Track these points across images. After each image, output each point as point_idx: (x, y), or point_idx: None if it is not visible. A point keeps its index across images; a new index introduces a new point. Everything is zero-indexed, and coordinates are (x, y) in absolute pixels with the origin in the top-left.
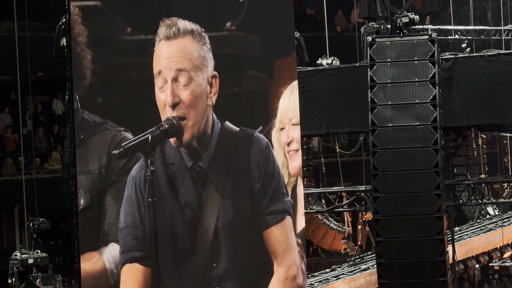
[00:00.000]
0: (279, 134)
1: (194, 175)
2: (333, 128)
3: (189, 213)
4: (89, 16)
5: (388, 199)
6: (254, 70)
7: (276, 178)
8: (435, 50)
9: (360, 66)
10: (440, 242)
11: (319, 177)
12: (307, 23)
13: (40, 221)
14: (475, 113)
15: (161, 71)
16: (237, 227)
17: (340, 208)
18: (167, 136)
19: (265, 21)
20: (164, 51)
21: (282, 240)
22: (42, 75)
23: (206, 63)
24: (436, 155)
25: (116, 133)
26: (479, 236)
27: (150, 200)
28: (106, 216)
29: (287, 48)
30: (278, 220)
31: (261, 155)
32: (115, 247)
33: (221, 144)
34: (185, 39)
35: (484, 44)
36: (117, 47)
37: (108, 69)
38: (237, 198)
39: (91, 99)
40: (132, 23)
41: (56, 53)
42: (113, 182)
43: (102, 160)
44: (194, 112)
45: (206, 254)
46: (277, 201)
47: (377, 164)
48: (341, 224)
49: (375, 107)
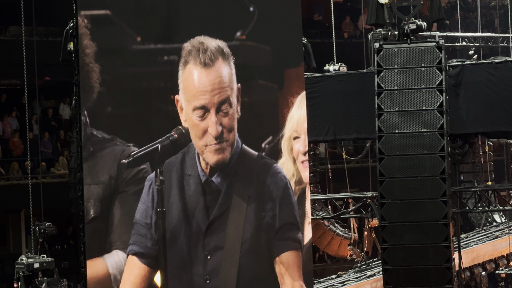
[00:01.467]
0: (290, 143)
1: (206, 189)
2: (340, 135)
3: (195, 226)
4: (98, 25)
5: (394, 206)
6: (264, 80)
7: (293, 212)
8: (443, 57)
9: (367, 72)
10: (447, 249)
11: (325, 183)
12: (314, 29)
13: (46, 225)
14: (482, 120)
15: (204, 106)
16: (237, 251)
17: (347, 214)
18: (177, 146)
19: (275, 31)
20: (204, 82)
21: (294, 266)
22: (49, 79)
23: (234, 80)
24: (443, 162)
25: (126, 148)
26: (485, 243)
27: (160, 210)
28: (113, 224)
29: (297, 57)
30: (295, 247)
31: (276, 185)
32: (119, 253)
33: (238, 165)
34: (219, 63)
35: (492, 51)
36: (127, 56)
37: (117, 79)
38: (245, 223)
39: (99, 112)
40: (142, 32)
41: (63, 57)
42: (120, 191)
43: (112, 171)
44: (232, 133)
45: (202, 269)
46: (294, 231)
47: (383, 170)
48: (347, 230)
49: (382, 114)
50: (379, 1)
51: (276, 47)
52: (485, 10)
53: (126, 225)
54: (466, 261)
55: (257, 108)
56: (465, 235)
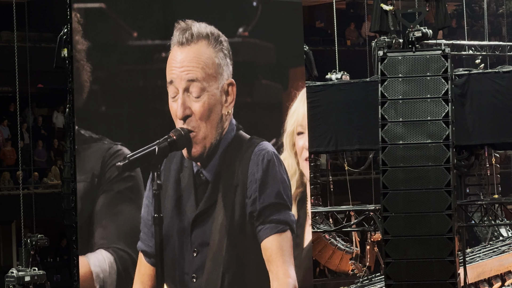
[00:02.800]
0: (292, 138)
1: (197, 182)
2: (342, 145)
3: (186, 222)
4: (92, 19)
5: (398, 219)
6: (267, 79)
7: (278, 190)
8: (448, 66)
9: (370, 81)
10: (451, 264)
11: (326, 195)
12: (316, 36)
13: (38, 237)
14: (489, 131)
15: (172, 80)
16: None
17: (348, 227)
18: (175, 148)
19: (279, 27)
20: (177, 58)
21: (279, 251)
22: (42, 87)
23: (221, 70)
24: (448, 174)
25: (112, 146)
26: (491, 258)
27: (156, 216)
28: (96, 224)
29: (299, 56)
30: (278, 230)
31: (257, 166)
32: (102, 252)
33: (226, 152)
34: (199, 45)
35: (499, 60)
36: (122, 53)
37: (112, 77)
38: (231, 215)
39: (90, 112)
40: (139, 27)
41: (57, 64)
42: (104, 190)
43: (95, 169)
44: (205, 125)
45: (190, 267)
46: (279, 212)
47: (387, 182)
48: (349, 244)
49: (386, 124)
50: (383, 8)
51: (280, 45)
52: (493, 18)
53: (111, 224)
54: (471, 277)
55: (260, 109)
56: (471, 249)
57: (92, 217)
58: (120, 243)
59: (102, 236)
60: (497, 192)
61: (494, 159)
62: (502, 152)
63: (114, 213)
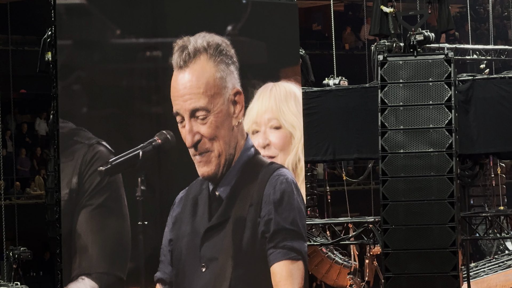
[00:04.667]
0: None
1: (211, 198)
2: (339, 154)
3: (197, 238)
4: (73, 16)
5: (398, 232)
6: (258, 79)
7: (293, 218)
8: (452, 71)
9: (370, 87)
10: (455, 279)
11: (324, 206)
12: (313, 39)
13: (21, 250)
14: (494, 139)
15: (177, 112)
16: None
17: (346, 240)
18: (161, 152)
19: (271, 25)
20: (178, 86)
21: (289, 278)
22: (25, 92)
23: (224, 83)
24: (451, 185)
25: (88, 149)
26: (497, 273)
27: (140, 224)
28: (76, 245)
29: (293, 55)
30: (291, 257)
31: (274, 188)
32: (85, 281)
33: (243, 171)
34: (198, 64)
35: (505, 64)
36: (105, 51)
37: (94, 76)
38: (243, 234)
39: (72, 113)
40: (122, 24)
41: (41, 68)
42: (83, 206)
43: (72, 184)
44: (218, 143)
45: (198, 283)
46: (293, 240)
47: (387, 193)
48: (347, 258)
49: (386, 132)
50: (383, 10)
51: (272, 44)
52: (498, 20)
53: (95, 244)
54: None
55: None
56: (475, 264)
57: (73, 238)
58: (104, 266)
59: (83, 260)
60: (502, 204)
61: (499, 168)
62: (508, 161)
63: (96, 231)
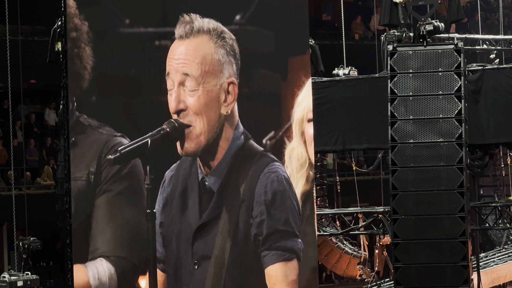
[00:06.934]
0: (301, 125)
1: (202, 190)
2: (349, 144)
3: (188, 230)
4: (82, 5)
5: (408, 222)
6: (266, 68)
7: (286, 218)
8: (461, 61)
9: (379, 77)
10: (464, 269)
11: (333, 197)
12: (322, 30)
13: (31, 240)
14: (504, 129)
15: (169, 72)
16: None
17: (356, 230)
18: (169, 141)
19: (279, 14)
20: (175, 51)
21: (284, 280)
22: (35, 82)
23: (221, 68)
24: (461, 175)
25: (111, 138)
26: (506, 263)
27: (149, 212)
28: (93, 228)
29: (302, 44)
30: (285, 258)
31: (266, 188)
32: (103, 263)
33: (233, 162)
34: (199, 40)
35: None
36: (114, 40)
37: (103, 65)
38: (235, 231)
39: (88, 100)
40: (131, 14)
41: (51, 58)
42: (104, 191)
43: (92, 166)
44: (202, 120)
45: (190, 279)
46: (286, 240)
47: (396, 183)
48: (356, 248)
49: (396, 122)
50: (393, 0)
51: (280, 33)
52: (508, 10)
53: (114, 229)
54: (485, 283)
55: (258, 100)
56: (485, 254)
57: (90, 221)
58: (122, 251)
59: (102, 242)
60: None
61: (509, 158)
62: None
63: (114, 217)
